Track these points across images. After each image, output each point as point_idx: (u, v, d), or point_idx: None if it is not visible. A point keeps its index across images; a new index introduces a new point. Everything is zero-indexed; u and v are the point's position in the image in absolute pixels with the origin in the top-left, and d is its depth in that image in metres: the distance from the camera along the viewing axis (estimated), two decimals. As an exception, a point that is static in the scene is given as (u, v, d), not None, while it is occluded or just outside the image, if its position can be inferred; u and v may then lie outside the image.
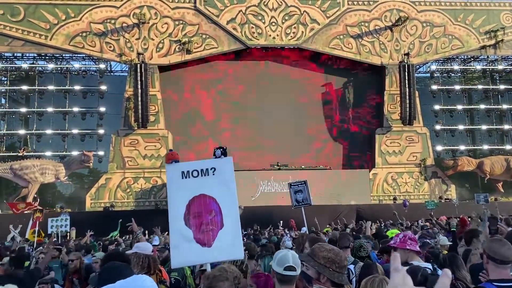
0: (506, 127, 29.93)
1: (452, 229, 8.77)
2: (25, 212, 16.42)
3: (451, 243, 7.26)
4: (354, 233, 8.64)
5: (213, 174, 3.60)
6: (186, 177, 3.61)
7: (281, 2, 26.62)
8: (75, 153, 25.68)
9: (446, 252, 5.83)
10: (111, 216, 20.88)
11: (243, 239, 5.19)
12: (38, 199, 23.15)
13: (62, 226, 11.40)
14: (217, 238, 3.46)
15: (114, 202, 24.23)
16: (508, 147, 29.49)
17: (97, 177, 26.17)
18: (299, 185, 7.24)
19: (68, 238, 14.63)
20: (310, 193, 7.19)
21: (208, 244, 3.43)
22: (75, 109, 26.92)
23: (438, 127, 28.86)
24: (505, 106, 30.02)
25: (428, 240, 6.47)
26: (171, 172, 3.67)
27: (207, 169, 3.62)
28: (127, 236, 14.02)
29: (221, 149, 3.60)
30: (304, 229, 7.69)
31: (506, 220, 10.39)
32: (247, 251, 4.84)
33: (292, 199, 7.16)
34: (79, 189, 28.21)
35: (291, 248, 4.87)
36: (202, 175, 3.61)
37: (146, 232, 11.65)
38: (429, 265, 3.72)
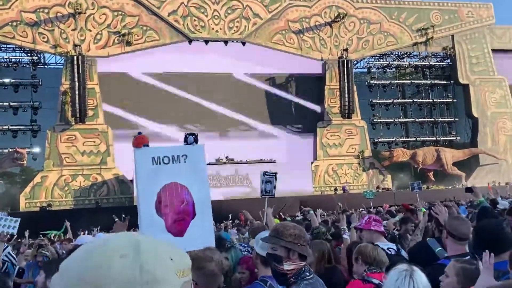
0: (436, 119, 31.99)
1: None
2: None
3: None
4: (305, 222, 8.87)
5: (185, 162, 3.50)
6: (156, 163, 3.46)
7: (223, -5, 26.46)
8: (6, 150, 24.06)
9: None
10: (48, 215, 19.91)
11: None
12: None
13: (10, 227, 10.62)
14: (189, 227, 3.41)
15: (51, 201, 22.98)
16: (438, 138, 31.62)
17: (31, 176, 24.70)
18: (271, 176, 7.43)
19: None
20: (276, 187, 7.39)
21: (180, 234, 3.38)
22: (6, 103, 25.23)
23: (375, 120, 30.26)
24: (435, 100, 32.11)
25: None
26: (140, 157, 3.49)
27: (178, 156, 3.50)
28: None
29: (193, 136, 3.51)
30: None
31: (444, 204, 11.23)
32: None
33: (261, 187, 7.28)
34: (10, 188, 26.50)
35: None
36: (173, 162, 3.48)
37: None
38: (393, 246, 3.87)
